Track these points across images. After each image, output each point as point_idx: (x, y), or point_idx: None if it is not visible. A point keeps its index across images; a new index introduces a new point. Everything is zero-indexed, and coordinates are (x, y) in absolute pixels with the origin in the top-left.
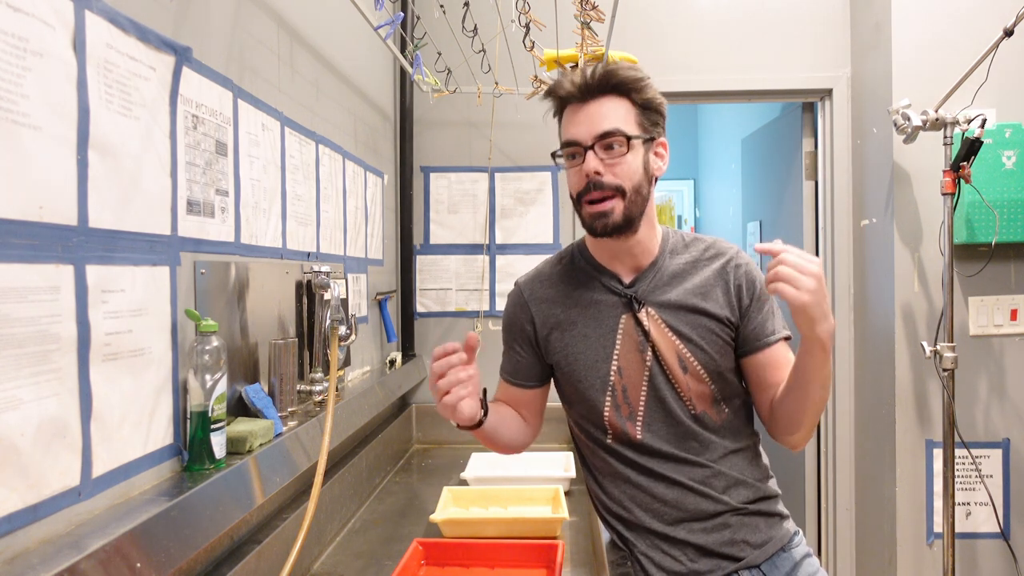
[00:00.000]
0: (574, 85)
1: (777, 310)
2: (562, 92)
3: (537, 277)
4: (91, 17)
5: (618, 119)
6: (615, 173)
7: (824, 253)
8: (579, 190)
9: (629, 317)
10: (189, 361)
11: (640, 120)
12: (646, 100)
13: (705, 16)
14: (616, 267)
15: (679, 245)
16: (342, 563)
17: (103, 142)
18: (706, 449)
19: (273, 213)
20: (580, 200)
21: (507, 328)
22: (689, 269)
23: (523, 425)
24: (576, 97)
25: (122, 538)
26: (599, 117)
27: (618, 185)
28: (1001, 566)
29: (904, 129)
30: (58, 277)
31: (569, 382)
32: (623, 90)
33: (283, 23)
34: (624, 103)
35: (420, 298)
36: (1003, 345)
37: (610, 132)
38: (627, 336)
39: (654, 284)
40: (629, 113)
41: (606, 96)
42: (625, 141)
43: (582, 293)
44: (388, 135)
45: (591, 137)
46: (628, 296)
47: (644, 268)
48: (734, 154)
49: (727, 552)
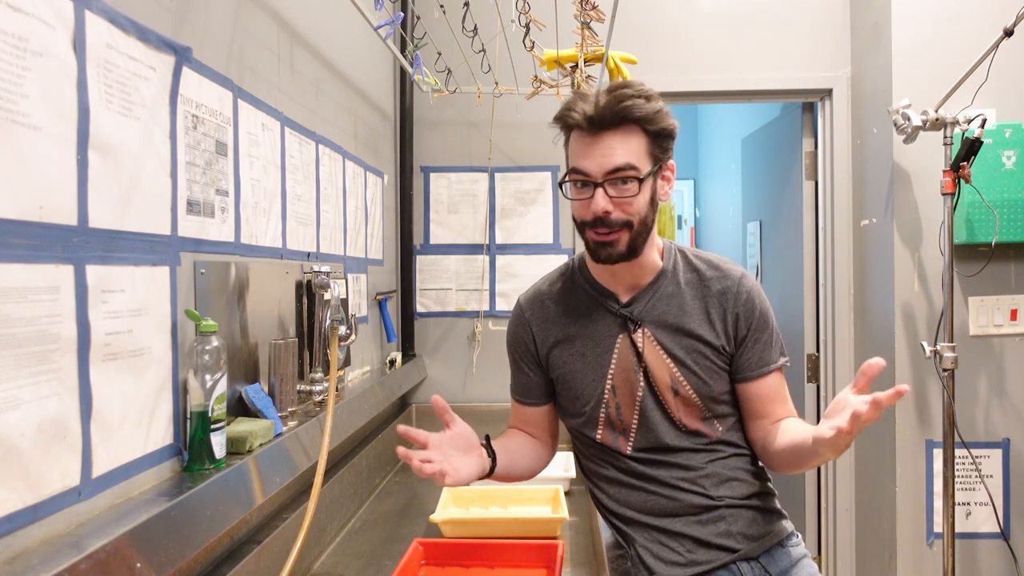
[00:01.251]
0: (584, 116)
1: (777, 338)
2: (570, 122)
3: (537, 296)
4: (91, 17)
5: (630, 153)
6: (624, 210)
7: (824, 253)
8: (585, 220)
9: (625, 337)
10: (189, 361)
11: (651, 149)
12: (659, 130)
13: (705, 16)
14: (615, 286)
15: (681, 264)
16: (342, 563)
17: (103, 142)
18: (697, 454)
19: (273, 213)
20: (584, 227)
21: (511, 346)
22: (688, 291)
23: (536, 451)
24: (585, 128)
25: (122, 538)
26: (610, 152)
27: (626, 220)
28: (1001, 566)
29: (904, 129)
30: (58, 277)
31: (566, 397)
32: (636, 121)
33: (283, 23)
34: (636, 134)
35: (420, 298)
36: (1003, 345)
37: (622, 168)
38: (622, 356)
39: (651, 304)
40: (641, 145)
41: (619, 129)
42: (637, 181)
43: (580, 312)
44: (388, 135)
45: (602, 173)
46: (624, 316)
47: (642, 288)
48: (734, 154)
49: (723, 544)
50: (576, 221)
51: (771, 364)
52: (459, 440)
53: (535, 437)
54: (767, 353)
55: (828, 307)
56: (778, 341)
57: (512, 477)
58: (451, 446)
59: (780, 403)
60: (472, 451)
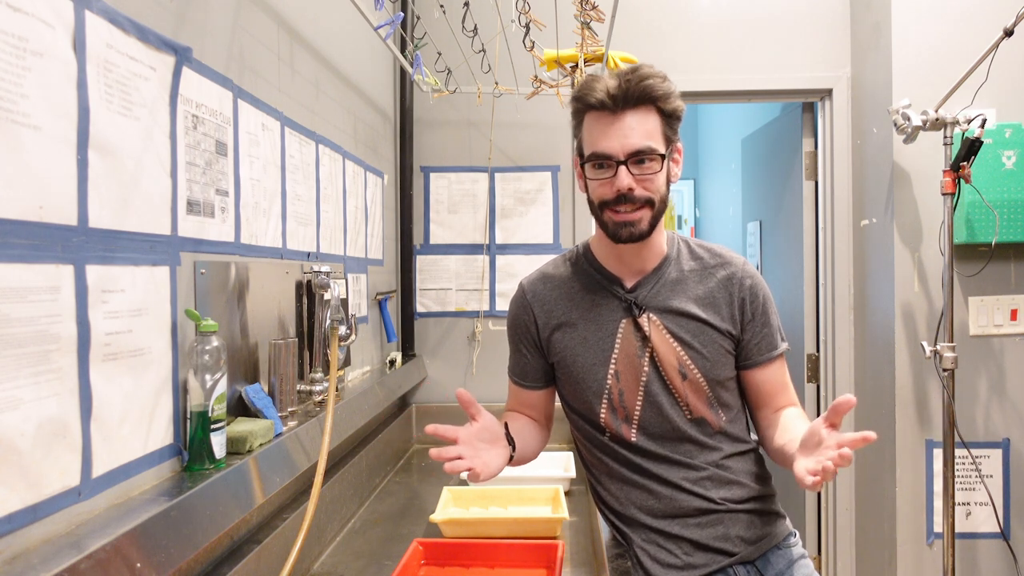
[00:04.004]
0: (607, 94)
1: (778, 324)
2: (593, 100)
3: (541, 278)
4: (91, 17)
5: (649, 133)
6: (646, 187)
7: (824, 253)
8: (606, 200)
9: (629, 322)
10: (189, 361)
11: (664, 131)
12: (672, 109)
13: (705, 16)
14: (620, 271)
15: (684, 251)
16: (342, 563)
17: (103, 142)
18: (702, 452)
19: (273, 213)
20: (604, 208)
21: (512, 328)
22: (693, 277)
23: (539, 434)
24: (608, 105)
25: (122, 538)
26: (631, 131)
27: (648, 198)
28: (1001, 566)
29: (904, 129)
30: (58, 277)
31: (568, 383)
32: (654, 101)
33: (283, 23)
34: (653, 115)
35: (420, 298)
36: (1003, 345)
37: (644, 150)
38: (626, 341)
39: (656, 290)
40: (657, 125)
41: (638, 108)
42: (659, 159)
43: (584, 296)
44: (388, 135)
45: (624, 153)
46: (629, 301)
47: (647, 273)
48: (734, 154)
49: (721, 547)
50: (594, 204)
51: (776, 349)
52: (485, 433)
53: (534, 419)
54: (772, 338)
55: (828, 307)
56: (779, 327)
57: (523, 461)
58: (479, 439)
59: (783, 390)
60: (498, 442)
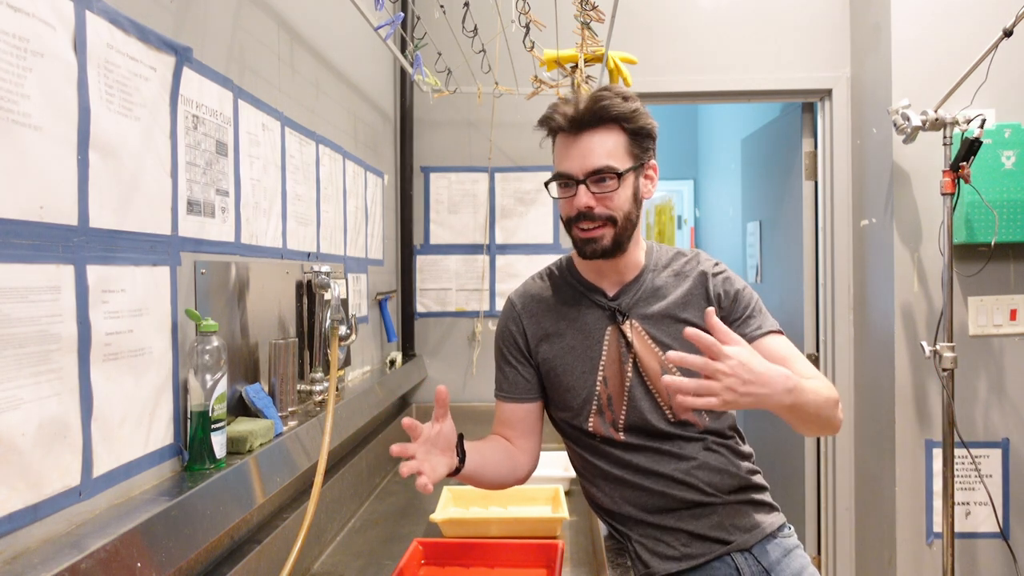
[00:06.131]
0: (565, 118)
1: (763, 310)
2: (553, 124)
3: (527, 292)
4: (91, 17)
5: (608, 153)
6: (606, 205)
7: (824, 253)
8: (570, 216)
9: (614, 329)
10: (189, 361)
11: (631, 149)
12: (637, 128)
13: (705, 16)
14: (601, 282)
15: (662, 260)
16: (342, 563)
17: (103, 142)
18: (687, 445)
19: (273, 213)
20: (570, 225)
21: (499, 340)
22: (671, 282)
23: (512, 460)
24: (567, 129)
25: (122, 538)
26: (590, 152)
27: (609, 215)
28: (1001, 566)
29: (904, 129)
30: (59, 277)
31: (557, 391)
32: (615, 120)
33: (283, 23)
34: (615, 133)
35: (420, 298)
36: (1003, 345)
37: (601, 169)
38: (612, 347)
39: (637, 297)
40: (619, 144)
41: (598, 129)
42: (616, 177)
43: (569, 307)
44: (388, 135)
45: (582, 172)
46: (612, 309)
47: (628, 282)
48: (734, 154)
49: (717, 536)
50: (563, 220)
51: (760, 329)
52: (441, 440)
53: (515, 444)
54: (753, 321)
55: (828, 307)
56: (765, 312)
57: (481, 482)
58: (433, 444)
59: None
60: (448, 451)
